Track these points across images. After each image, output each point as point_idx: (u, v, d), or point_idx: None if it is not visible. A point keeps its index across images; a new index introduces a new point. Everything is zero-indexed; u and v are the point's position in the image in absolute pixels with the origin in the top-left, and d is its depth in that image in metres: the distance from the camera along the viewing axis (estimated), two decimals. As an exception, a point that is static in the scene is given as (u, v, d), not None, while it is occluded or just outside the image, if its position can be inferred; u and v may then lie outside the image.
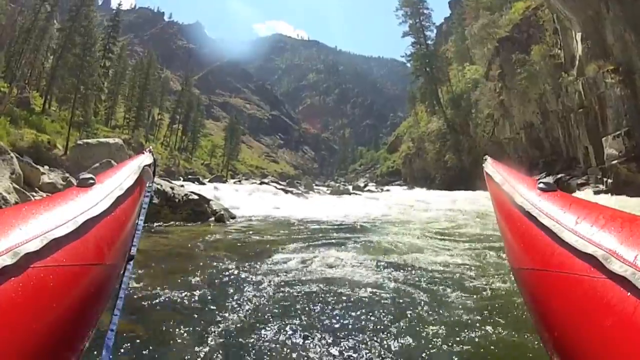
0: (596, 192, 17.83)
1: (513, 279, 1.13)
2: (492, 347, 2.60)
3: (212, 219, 9.69)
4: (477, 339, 2.72)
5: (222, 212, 10.17)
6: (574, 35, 22.70)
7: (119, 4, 63.91)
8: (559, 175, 23.60)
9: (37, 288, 0.69)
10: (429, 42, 54.12)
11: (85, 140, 20.54)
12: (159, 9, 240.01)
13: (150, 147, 1.94)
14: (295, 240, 6.63)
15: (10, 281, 0.64)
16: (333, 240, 6.60)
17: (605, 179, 18.53)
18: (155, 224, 8.28)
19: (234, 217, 10.49)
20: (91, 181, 1.11)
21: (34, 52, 45.31)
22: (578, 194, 17.01)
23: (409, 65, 61.25)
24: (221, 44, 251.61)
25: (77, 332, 0.81)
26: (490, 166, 1.51)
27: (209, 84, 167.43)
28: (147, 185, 1.61)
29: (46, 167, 16.02)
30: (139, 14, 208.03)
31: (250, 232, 7.85)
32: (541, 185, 1.05)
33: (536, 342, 2.35)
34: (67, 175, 12.17)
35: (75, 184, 1.12)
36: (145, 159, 1.61)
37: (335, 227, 9.09)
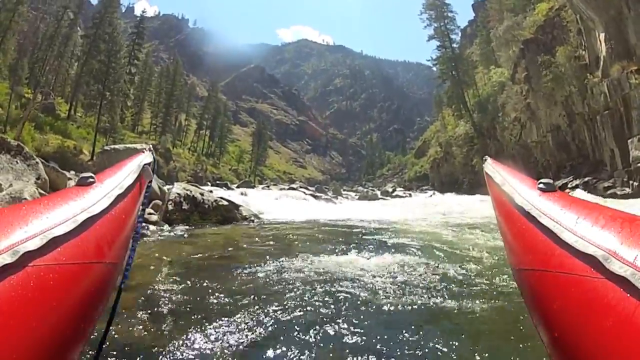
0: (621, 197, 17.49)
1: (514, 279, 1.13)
2: (493, 347, 2.58)
3: (243, 225, 9.49)
4: (477, 339, 2.72)
5: (252, 218, 10.07)
6: (597, 36, 22.21)
7: (143, 11, 65.02)
8: (586, 179, 23.18)
9: (37, 286, 0.68)
10: (454, 45, 53.70)
11: (112, 146, 20.34)
12: (183, 15, 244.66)
13: (150, 145, 1.90)
14: (328, 247, 6.29)
15: (9, 279, 0.64)
16: (366, 247, 6.23)
17: (631, 182, 18.16)
18: (183, 226, 8.29)
19: (263, 223, 10.24)
20: (91, 180, 1.12)
21: (57, 58, 46.28)
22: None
23: (435, 69, 60.85)
24: (246, 49, 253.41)
25: (77, 330, 0.81)
26: (490, 166, 1.51)
27: (236, 89, 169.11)
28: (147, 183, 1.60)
29: (72, 172, 16.34)
30: (163, 20, 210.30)
31: (281, 238, 7.59)
32: (541, 185, 1.06)
33: (537, 342, 2.32)
34: (93, 181, 12.37)
35: (75, 183, 1.14)
36: (145, 157, 1.61)
37: (367, 233, 8.66)
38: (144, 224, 7.46)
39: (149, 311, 3.15)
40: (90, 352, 1.64)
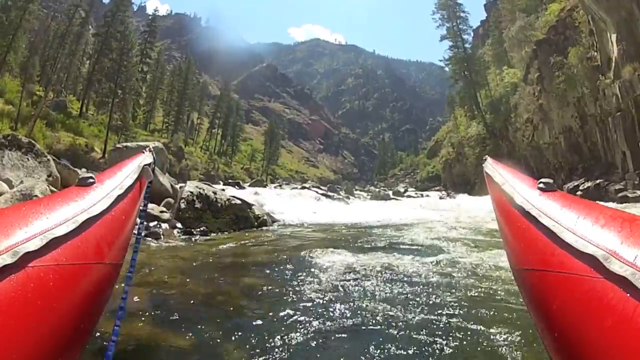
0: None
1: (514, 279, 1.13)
2: (492, 347, 2.56)
3: (255, 224, 9.34)
4: (478, 339, 2.68)
5: (265, 218, 9.82)
6: (609, 37, 22.07)
7: (155, 10, 64.89)
8: (598, 181, 23.03)
9: (37, 287, 0.68)
10: (467, 45, 53.36)
11: (124, 144, 20.13)
12: (195, 14, 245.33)
13: (150, 146, 1.88)
14: (342, 248, 6.05)
15: (9, 280, 0.64)
16: (384, 251, 6.04)
17: (642, 185, 18.09)
18: (197, 230, 8.09)
19: (277, 222, 10.18)
20: (91, 180, 1.12)
21: (69, 57, 46.19)
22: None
23: (447, 69, 60.35)
24: (258, 48, 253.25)
25: (77, 331, 0.81)
26: (490, 166, 1.50)
27: (248, 88, 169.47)
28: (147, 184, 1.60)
29: (84, 169, 16.43)
30: (175, 19, 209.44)
31: (295, 239, 7.42)
32: (541, 185, 1.05)
33: (537, 342, 2.27)
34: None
35: (75, 183, 1.13)
36: (145, 158, 1.61)
37: (383, 234, 8.54)
38: (156, 223, 7.63)
39: (157, 312, 3.17)
40: (91, 353, 1.69)
